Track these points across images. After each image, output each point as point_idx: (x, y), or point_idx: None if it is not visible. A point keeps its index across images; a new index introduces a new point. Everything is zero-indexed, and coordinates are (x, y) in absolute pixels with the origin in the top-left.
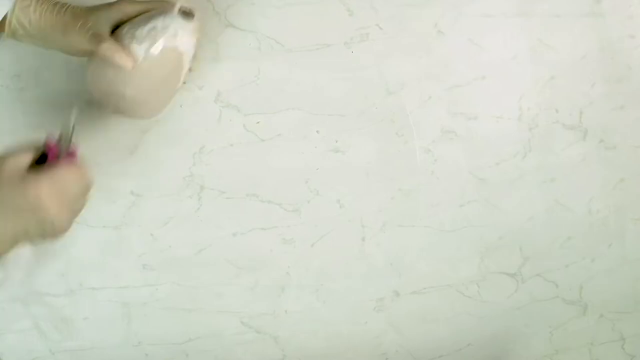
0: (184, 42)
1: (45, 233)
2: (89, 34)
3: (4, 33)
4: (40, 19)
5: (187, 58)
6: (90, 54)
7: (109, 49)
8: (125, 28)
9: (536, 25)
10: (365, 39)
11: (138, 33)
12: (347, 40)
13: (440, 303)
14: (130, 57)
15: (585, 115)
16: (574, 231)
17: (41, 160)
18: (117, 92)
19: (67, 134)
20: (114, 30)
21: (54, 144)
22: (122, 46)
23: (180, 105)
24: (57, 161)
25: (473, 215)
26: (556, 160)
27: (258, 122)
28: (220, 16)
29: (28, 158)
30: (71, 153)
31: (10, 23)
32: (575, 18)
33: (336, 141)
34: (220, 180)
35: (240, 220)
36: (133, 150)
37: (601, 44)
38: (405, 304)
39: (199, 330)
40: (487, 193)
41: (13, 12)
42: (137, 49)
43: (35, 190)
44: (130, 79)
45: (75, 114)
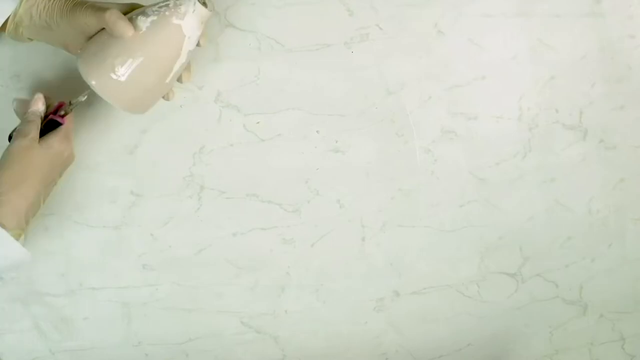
0: (189, 26)
1: (65, 169)
2: (95, 7)
3: (5, 31)
4: (49, 4)
5: (187, 47)
6: (92, 32)
7: (113, 14)
8: (136, 10)
9: (536, 25)
10: (365, 39)
11: (149, 9)
12: (347, 40)
13: (440, 303)
14: (130, 26)
15: (585, 115)
16: (574, 231)
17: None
18: (109, 64)
19: (68, 107)
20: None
21: (59, 114)
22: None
23: (180, 105)
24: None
25: (473, 215)
26: (556, 160)
27: (258, 122)
28: (220, 16)
29: (38, 132)
30: (63, 116)
31: (15, 14)
32: (575, 18)
33: (336, 141)
34: (220, 180)
35: (240, 220)
36: (133, 150)
37: (601, 44)
38: (405, 304)
39: (199, 330)
40: (487, 193)
41: (20, 3)
42: (143, 21)
43: (59, 149)
44: (128, 47)
45: (86, 95)
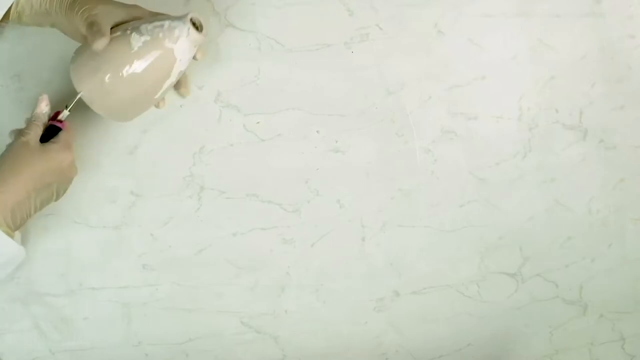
0: (181, 49)
1: (66, 184)
2: (88, 20)
3: (9, 19)
4: None
5: (177, 69)
6: (84, 34)
7: (95, 34)
8: (132, 23)
9: (536, 25)
10: (365, 39)
11: (143, 27)
12: (347, 40)
13: (440, 303)
14: (105, 39)
15: (585, 115)
16: (574, 231)
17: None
18: (99, 78)
19: (65, 112)
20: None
21: (61, 119)
22: (121, 35)
23: (180, 105)
24: (63, 126)
25: (473, 215)
26: (556, 160)
27: (258, 122)
28: (220, 16)
29: (39, 133)
30: (61, 121)
31: (17, 4)
32: (575, 18)
33: (336, 141)
34: (220, 180)
35: (240, 220)
36: (133, 150)
37: (601, 44)
38: (405, 304)
39: (199, 330)
40: (487, 193)
41: None
42: (136, 39)
43: (57, 155)
44: (119, 64)
45: (80, 97)
